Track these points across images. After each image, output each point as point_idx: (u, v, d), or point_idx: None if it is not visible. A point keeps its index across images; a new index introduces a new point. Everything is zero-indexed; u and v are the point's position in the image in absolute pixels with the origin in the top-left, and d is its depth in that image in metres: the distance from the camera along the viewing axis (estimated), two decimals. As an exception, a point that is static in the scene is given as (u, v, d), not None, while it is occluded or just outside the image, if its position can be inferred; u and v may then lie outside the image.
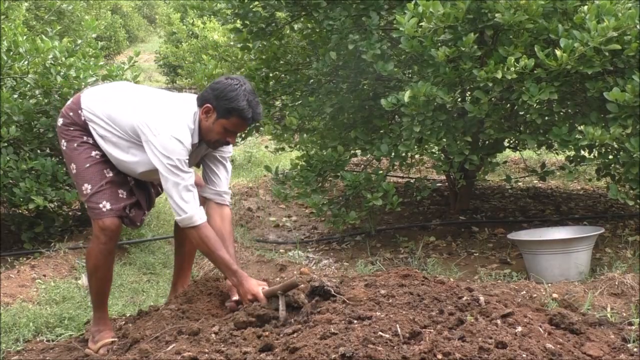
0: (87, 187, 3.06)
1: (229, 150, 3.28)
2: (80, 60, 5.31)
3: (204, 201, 3.20)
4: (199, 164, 3.30)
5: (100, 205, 3.04)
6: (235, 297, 3.10)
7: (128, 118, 3.05)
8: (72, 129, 3.13)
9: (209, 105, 3.02)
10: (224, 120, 3.01)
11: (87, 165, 3.07)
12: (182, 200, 2.96)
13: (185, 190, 2.96)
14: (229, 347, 2.58)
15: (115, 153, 3.09)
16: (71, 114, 3.14)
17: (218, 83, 3.04)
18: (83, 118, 3.11)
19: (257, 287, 2.97)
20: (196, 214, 2.97)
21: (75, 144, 3.11)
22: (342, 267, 4.74)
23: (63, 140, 3.15)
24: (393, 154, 4.65)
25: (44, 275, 4.45)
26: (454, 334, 2.42)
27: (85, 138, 3.11)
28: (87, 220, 5.51)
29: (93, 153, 3.10)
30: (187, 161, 2.99)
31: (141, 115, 3.02)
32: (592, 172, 6.61)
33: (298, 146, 6.25)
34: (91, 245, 3.13)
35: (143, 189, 3.26)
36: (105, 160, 3.11)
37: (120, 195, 3.10)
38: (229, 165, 3.31)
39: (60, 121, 3.17)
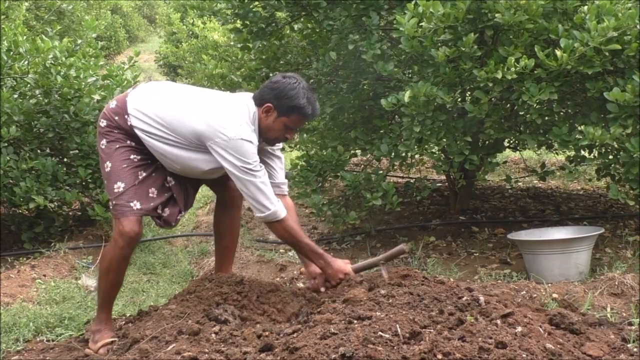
0: (119, 185, 3.06)
1: (280, 144, 3.36)
2: (80, 60, 5.31)
3: None
4: None
5: (132, 204, 3.05)
6: (313, 281, 3.31)
7: (188, 124, 3.03)
8: (116, 132, 3.11)
9: (269, 104, 3.08)
10: (284, 118, 3.10)
11: (124, 165, 3.08)
12: (264, 197, 3.03)
13: (264, 186, 3.03)
14: (229, 347, 2.58)
15: (170, 153, 3.08)
16: (116, 118, 3.11)
17: (277, 82, 3.11)
18: (129, 123, 3.09)
19: (346, 265, 3.19)
20: (279, 209, 3.07)
21: (117, 145, 3.10)
22: (342, 267, 4.74)
23: (104, 140, 3.12)
24: (393, 154, 4.65)
25: (44, 275, 4.45)
26: (454, 334, 2.42)
27: (128, 142, 3.10)
28: (87, 220, 5.52)
29: (132, 156, 3.10)
30: (257, 160, 3.03)
31: (204, 120, 3.01)
32: (592, 172, 6.61)
33: (298, 146, 6.26)
34: (108, 248, 3.14)
35: (183, 188, 3.26)
36: (142, 164, 3.11)
37: (151, 195, 3.10)
38: (282, 156, 3.39)
39: (103, 122, 3.14)
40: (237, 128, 2.99)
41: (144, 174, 3.11)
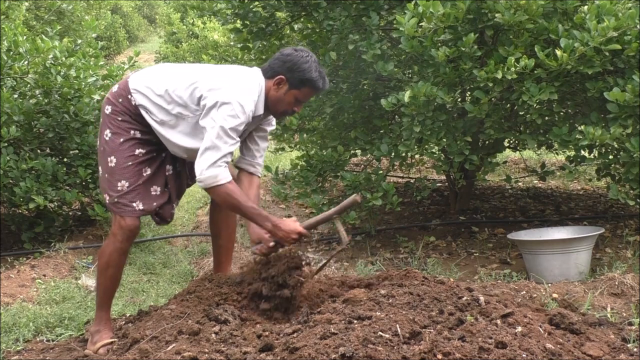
0: (123, 184, 3.04)
1: (273, 124, 3.32)
2: (80, 60, 5.31)
3: (234, 171, 3.21)
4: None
5: (134, 204, 3.04)
6: (258, 247, 3.06)
7: (190, 85, 3.00)
8: (120, 119, 3.06)
9: (281, 76, 3.05)
10: (295, 91, 3.07)
11: (129, 163, 3.04)
12: (214, 163, 2.88)
13: (224, 157, 2.90)
14: (229, 347, 2.58)
15: (173, 137, 3.05)
16: (120, 100, 3.07)
17: (289, 55, 3.07)
18: (134, 103, 3.05)
19: (295, 224, 2.96)
20: (221, 174, 2.90)
21: (121, 139, 3.05)
22: (342, 267, 4.74)
23: (107, 130, 3.07)
24: (393, 154, 4.65)
25: (44, 275, 4.45)
26: (454, 334, 2.42)
27: (132, 132, 3.06)
28: (88, 220, 5.52)
29: (137, 151, 3.06)
30: (239, 130, 2.96)
31: (207, 80, 2.99)
32: (592, 172, 6.61)
33: (298, 146, 6.25)
34: (106, 243, 3.14)
35: (178, 178, 3.24)
36: (147, 158, 3.08)
37: (153, 193, 3.09)
38: (268, 139, 3.36)
39: (108, 109, 3.09)
40: (236, 91, 2.95)
41: (149, 172, 3.08)
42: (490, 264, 4.66)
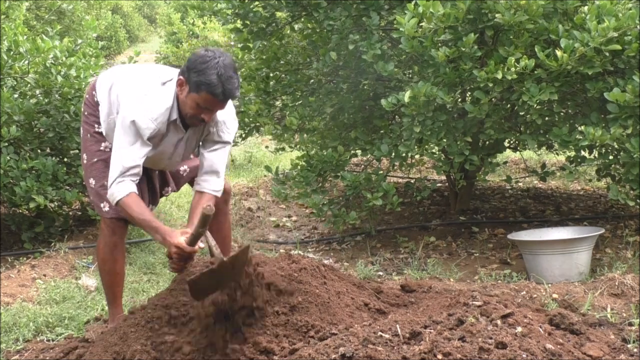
0: (92, 182, 3.11)
1: (225, 138, 3.07)
2: (80, 59, 5.31)
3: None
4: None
5: (102, 205, 3.07)
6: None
7: (121, 100, 2.99)
8: (86, 113, 3.14)
9: (181, 77, 2.85)
10: (195, 94, 2.81)
11: (95, 159, 3.09)
12: (111, 178, 2.86)
13: (122, 171, 2.83)
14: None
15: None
16: (87, 97, 3.17)
17: (194, 54, 2.85)
18: (95, 99, 3.12)
19: (179, 237, 2.72)
20: (115, 191, 2.84)
21: (89, 134, 3.12)
22: (343, 267, 4.74)
23: (82, 128, 3.17)
24: (393, 154, 4.65)
25: (44, 275, 4.45)
26: (454, 334, 2.41)
27: (96, 126, 3.11)
28: (88, 220, 5.52)
29: (102, 145, 3.09)
30: (140, 146, 2.85)
31: (122, 95, 2.98)
32: (592, 172, 6.61)
33: (298, 146, 6.26)
34: (98, 239, 3.20)
35: (148, 182, 3.23)
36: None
37: None
38: (220, 152, 3.07)
39: (83, 107, 3.20)
40: (138, 107, 2.84)
41: None
42: (491, 264, 4.66)
